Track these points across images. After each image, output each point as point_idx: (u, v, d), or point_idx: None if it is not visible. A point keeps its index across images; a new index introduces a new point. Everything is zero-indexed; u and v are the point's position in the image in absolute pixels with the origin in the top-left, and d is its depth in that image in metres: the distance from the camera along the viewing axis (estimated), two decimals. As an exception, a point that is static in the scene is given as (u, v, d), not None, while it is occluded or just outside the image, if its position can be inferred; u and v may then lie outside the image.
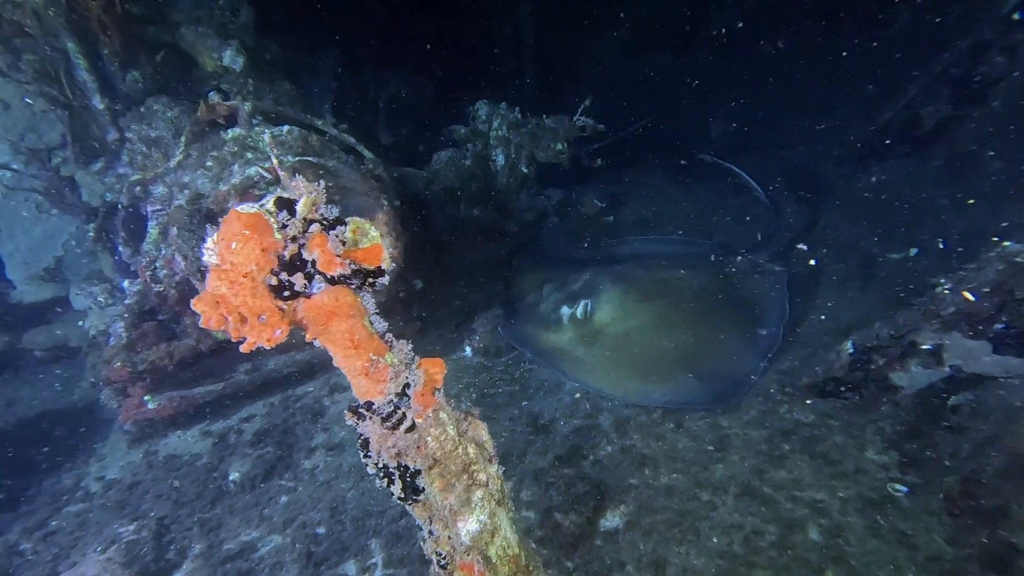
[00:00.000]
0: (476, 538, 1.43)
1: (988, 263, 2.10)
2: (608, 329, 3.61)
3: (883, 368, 2.48)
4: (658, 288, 3.85)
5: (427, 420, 1.40)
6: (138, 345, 3.46)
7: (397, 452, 1.39)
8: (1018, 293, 2.03)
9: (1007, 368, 2.12)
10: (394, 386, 1.36)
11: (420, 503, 1.45)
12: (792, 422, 2.77)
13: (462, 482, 1.43)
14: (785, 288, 3.78)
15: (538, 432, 3.17)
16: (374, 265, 1.31)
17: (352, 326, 1.30)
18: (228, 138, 3.28)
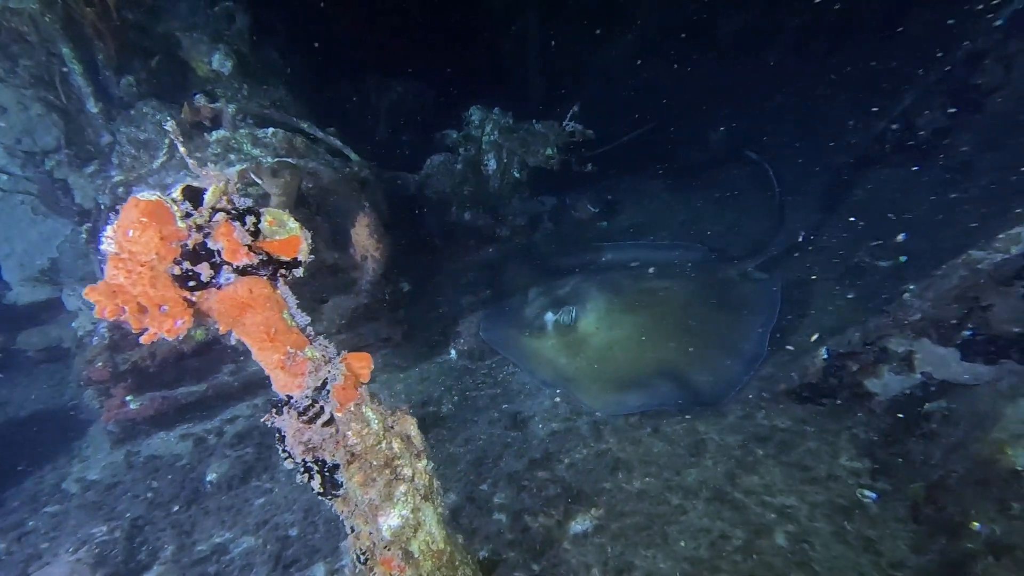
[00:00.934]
0: (397, 533, 1.44)
1: (953, 270, 2.10)
2: (592, 338, 3.60)
3: (857, 374, 2.47)
4: (644, 298, 3.84)
5: (348, 414, 1.41)
6: (121, 346, 3.49)
7: (313, 446, 1.39)
8: (983, 300, 2.02)
9: (976, 375, 2.11)
10: (313, 380, 1.37)
11: (340, 498, 1.45)
12: (768, 428, 2.76)
13: (384, 477, 1.44)
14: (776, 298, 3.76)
15: (516, 435, 3.17)
16: (289, 256, 1.31)
17: (268, 319, 1.31)
18: (212, 140, 3.33)
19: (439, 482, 1.59)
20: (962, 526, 1.72)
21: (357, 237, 3.46)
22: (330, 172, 3.20)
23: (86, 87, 4.62)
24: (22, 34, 4.63)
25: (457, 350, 4.29)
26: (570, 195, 6.82)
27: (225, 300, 1.27)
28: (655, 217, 6.61)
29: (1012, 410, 1.76)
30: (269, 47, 6.08)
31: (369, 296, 3.61)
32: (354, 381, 1.44)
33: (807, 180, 6.31)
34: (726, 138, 8.71)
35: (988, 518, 1.67)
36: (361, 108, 9.01)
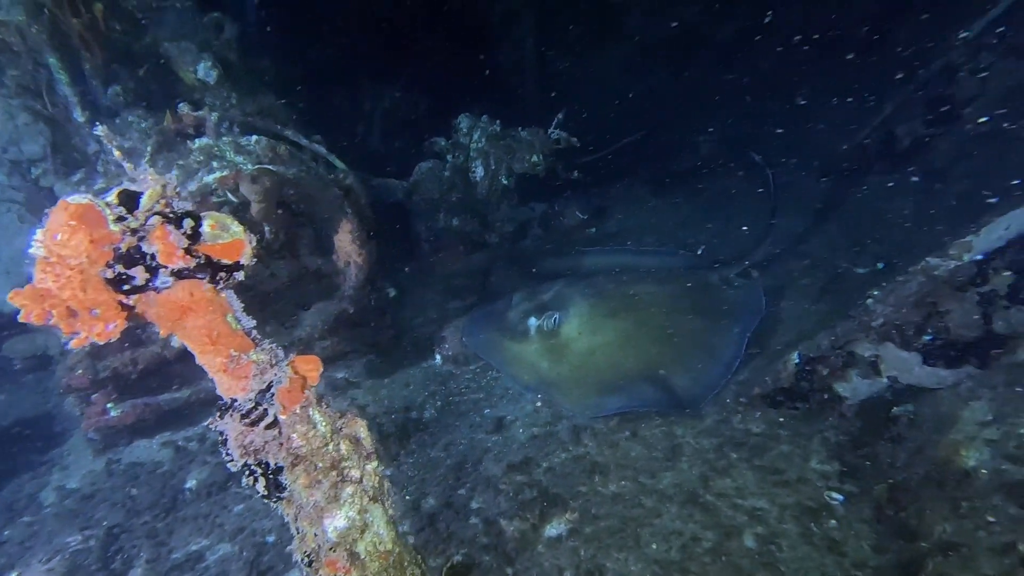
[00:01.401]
0: (343, 534, 1.46)
1: (912, 277, 2.15)
2: (574, 344, 3.62)
3: (827, 379, 2.52)
4: (626, 303, 3.87)
5: (293, 417, 1.43)
6: (102, 353, 3.50)
7: (254, 449, 1.41)
8: (940, 306, 2.07)
9: (938, 379, 2.16)
10: (258, 383, 1.39)
11: (285, 500, 1.47)
12: (743, 432, 2.79)
13: (330, 479, 1.46)
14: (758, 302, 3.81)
15: (496, 439, 3.20)
16: (232, 260, 1.33)
17: (211, 322, 1.33)
18: (195, 147, 3.36)
19: (390, 484, 1.61)
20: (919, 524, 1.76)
21: (340, 243, 3.49)
22: (312, 179, 3.24)
23: (73, 96, 4.65)
24: (8, 45, 4.66)
25: (442, 355, 4.32)
26: (559, 201, 6.87)
27: (165, 303, 1.29)
28: (642, 223, 6.68)
29: (968, 413, 1.80)
30: (260, 56, 6.13)
31: (352, 302, 3.63)
32: (301, 384, 1.46)
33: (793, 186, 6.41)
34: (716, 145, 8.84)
35: (942, 517, 1.71)
36: (355, 116, 9.07)
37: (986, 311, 2.02)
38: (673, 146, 8.88)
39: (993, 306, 2.01)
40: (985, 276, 1.99)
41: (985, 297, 2.01)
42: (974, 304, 2.04)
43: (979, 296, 2.03)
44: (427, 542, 2.53)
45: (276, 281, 3.51)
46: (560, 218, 6.78)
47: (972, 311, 2.04)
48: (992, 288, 1.99)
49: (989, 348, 2.03)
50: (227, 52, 5.03)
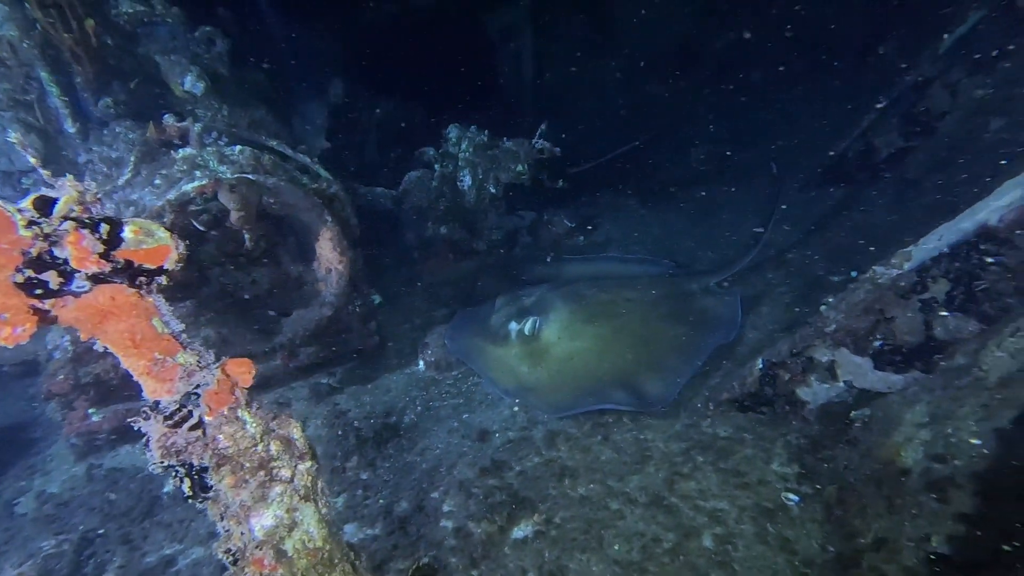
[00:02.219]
0: (270, 533, 1.50)
1: (860, 284, 2.23)
2: (553, 349, 3.70)
3: (789, 383, 2.59)
4: (605, 310, 3.95)
5: (219, 418, 1.47)
6: (85, 358, 3.55)
7: (176, 450, 1.45)
8: (887, 313, 2.15)
9: (889, 384, 2.23)
10: (184, 385, 1.44)
11: (211, 500, 1.50)
12: (710, 436, 2.86)
13: (257, 478, 1.50)
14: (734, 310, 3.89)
15: (472, 444, 3.25)
16: (155, 264, 1.38)
17: (133, 326, 1.38)
18: (179, 157, 3.44)
19: (323, 483, 1.66)
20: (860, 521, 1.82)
21: (321, 251, 3.57)
22: (292, 188, 3.31)
23: (64, 108, 4.74)
24: (2, 59, 4.76)
25: (425, 361, 4.38)
26: (547, 210, 6.97)
27: (84, 308, 1.32)
28: (630, 232, 6.77)
29: (909, 415, 1.87)
30: (253, 68, 6.24)
31: (332, 308, 3.70)
32: (230, 386, 1.50)
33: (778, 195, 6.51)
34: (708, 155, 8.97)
35: (878, 514, 1.78)
36: (350, 126, 9.19)
37: (927, 318, 2.10)
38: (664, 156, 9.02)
39: (933, 313, 2.09)
40: (925, 284, 2.07)
41: (926, 304, 2.09)
42: (916, 311, 2.12)
43: (920, 303, 2.11)
44: (396, 545, 2.58)
45: (257, 288, 3.58)
46: (549, 227, 6.87)
47: (915, 318, 2.11)
48: (931, 296, 2.07)
49: (932, 353, 2.10)
50: (218, 65, 5.13)
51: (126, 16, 4.92)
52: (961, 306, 2.01)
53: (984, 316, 1.96)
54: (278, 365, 4.21)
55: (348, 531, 2.72)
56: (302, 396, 4.23)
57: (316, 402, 4.12)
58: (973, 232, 1.93)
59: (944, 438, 1.65)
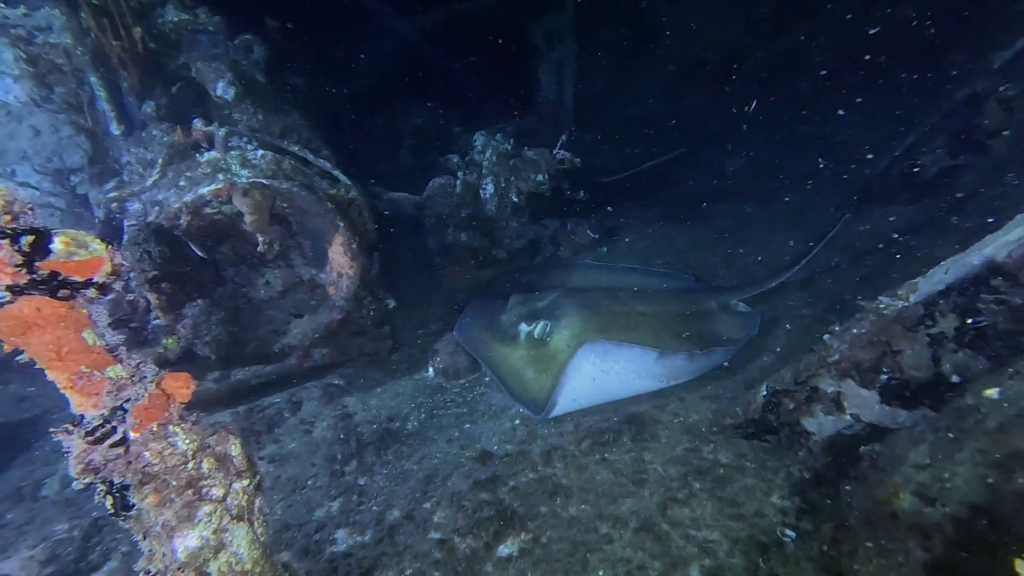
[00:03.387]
0: (194, 555, 1.46)
1: (865, 315, 2.11)
2: (561, 356, 3.65)
3: (794, 412, 2.48)
4: (618, 321, 3.87)
5: (147, 434, 1.45)
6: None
7: (95, 467, 1.42)
8: (894, 346, 2.03)
9: (897, 420, 2.10)
10: (111, 400, 1.42)
11: (133, 518, 1.47)
12: (711, 462, 2.77)
13: (184, 497, 1.48)
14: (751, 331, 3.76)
15: (470, 455, 3.25)
16: (85, 277, 1.37)
17: (59, 338, 1.38)
18: (203, 160, 3.60)
19: (261, 500, 1.63)
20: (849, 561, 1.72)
21: (333, 256, 3.65)
22: (304, 193, 3.41)
23: (110, 111, 5.04)
24: (58, 65, 5.10)
25: (434, 368, 4.41)
26: (571, 220, 6.93)
27: (6, 318, 1.31)
28: (654, 245, 6.66)
29: (913, 455, 1.76)
30: (292, 75, 6.48)
31: (342, 312, 3.77)
32: (163, 401, 1.48)
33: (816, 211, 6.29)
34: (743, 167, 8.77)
35: (867, 558, 1.67)
36: (386, 132, 9.42)
37: (936, 353, 1.97)
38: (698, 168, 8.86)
39: (942, 348, 1.95)
40: (933, 318, 1.94)
41: (935, 339, 1.96)
42: (925, 345, 1.99)
43: (929, 338, 1.98)
44: (383, 554, 2.59)
45: (271, 289, 3.69)
46: (572, 237, 6.83)
47: (923, 352, 1.99)
48: (940, 330, 1.94)
49: (941, 390, 1.97)
50: (255, 72, 5.35)
51: (171, 24, 5.18)
52: (971, 343, 1.88)
53: (995, 354, 1.83)
54: (293, 365, 4.32)
55: (339, 537, 2.75)
56: (314, 396, 4.32)
57: (326, 403, 4.21)
58: (980, 267, 1.80)
59: (940, 482, 1.54)
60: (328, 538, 2.73)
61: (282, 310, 3.84)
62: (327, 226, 3.51)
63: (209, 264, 3.47)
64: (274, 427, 4.01)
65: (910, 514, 1.56)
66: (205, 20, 5.39)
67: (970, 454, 1.52)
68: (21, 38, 4.94)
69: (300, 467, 3.43)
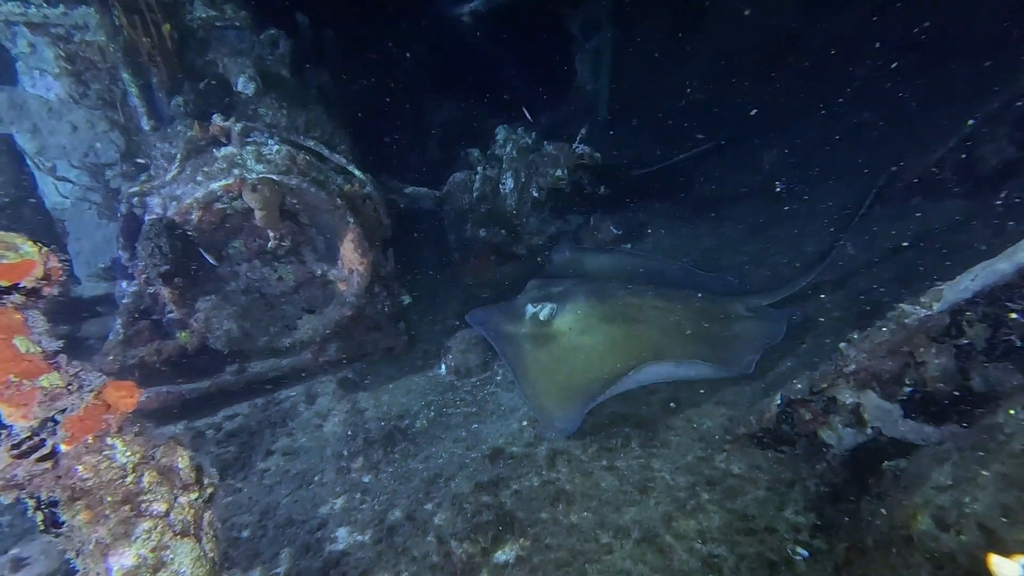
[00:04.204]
0: (130, 573, 1.39)
1: (886, 323, 1.95)
2: (561, 338, 3.67)
3: (810, 423, 2.34)
4: (625, 312, 3.81)
5: (80, 447, 1.38)
6: (134, 341, 3.87)
7: (17, 483, 1.35)
8: (918, 357, 1.87)
9: (923, 436, 1.94)
10: (43, 410, 1.35)
11: (64, 535, 1.40)
12: (722, 472, 2.65)
13: (119, 514, 1.40)
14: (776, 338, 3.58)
15: (475, 456, 3.22)
16: (12, 281, 1.31)
17: None
18: (220, 156, 3.67)
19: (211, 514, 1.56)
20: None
21: (344, 252, 3.67)
22: (314, 189, 3.43)
23: (141, 107, 5.20)
24: (94, 62, 5.30)
25: (446, 365, 4.40)
26: (595, 215, 6.80)
27: None
28: (680, 242, 6.48)
29: (936, 474, 1.62)
30: (320, 69, 6.57)
31: (353, 308, 3.80)
32: (100, 411, 1.41)
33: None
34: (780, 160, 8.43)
35: (875, 589, 1.55)
36: (416, 126, 9.49)
37: (963, 365, 1.80)
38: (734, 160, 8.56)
39: (972, 361, 1.79)
40: (961, 328, 1.78)
41: (962, 350, 1.80)
42: (951, 357, 1.82)
43: (956, 349, 1.81)
44: (380, 555, 2.59)
45: (283, 284, 3.74)
46: (595, 233, 6.71)
47: (949, 364, 1.82)
48: (969, 342, 1.78)
49: (971, 406, 1.81)
50: (280, 67, 5.43)
51: (199, 20, 5.30)
52: (1004, 356, 1.71)
53: (1031, 368, 1.66)
54: (308, 359, 4.39)
55: (340, 535, 2.77)
56: (327, 391, 4.38)
57: (339, 398, 4.26)
58: (1012, 274, 1.63)
59: (959, 507, 1.41)
60: (329, 536, 2.75)
61: (295, 305, 3.89)
62: (338, 222, 3.53)
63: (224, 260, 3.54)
64: (288, 420, 4.08)
65: (926, 539, 1.43)
66: (232, 15, 5.50)
67: (993, 478, 1.38)
68: (60, 37, 5.14)
69: (309, 462, 3.48)
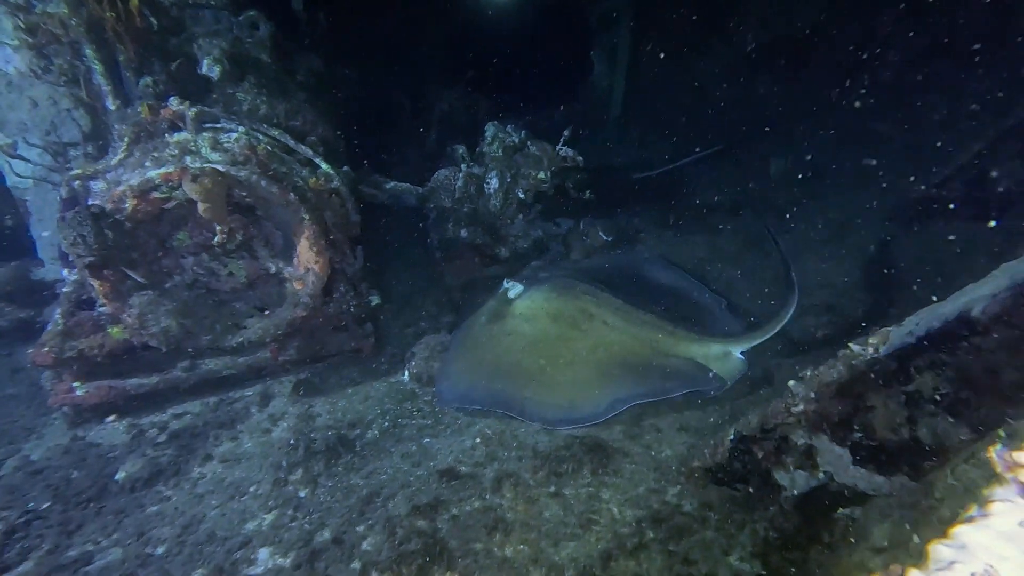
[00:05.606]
0: None
1: (834, 363, 1.85)
2: (508, 321, 3.90)
3: (762, 462, 2.24)
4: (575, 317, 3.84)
5: None
6: (74, 333, 3.79)
7: None
8: (867, 400, 1.77)
9: (873, 485, 1.84)
10: None
11: None
12: (672, 508, 2.56)
13: None
14: (710, 387, 3.42)
15: (421, 474, 3.14)
16: None
17: None
18: (172, 141, 3.59)
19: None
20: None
21: (299, 249, 3.59)
22: (264, 182, 3.34)
23: (106, 86, 5.10)
24: (56, 36, 5.22)
25: (409, 372, 4.32)
26: (585, 220, 6.71)
27: None
28: (672, 251, 6.37)
29: (877, 532, 1.52)
30: (312, 55, 6.49)
31: (307, 309, 3.71)
32: None
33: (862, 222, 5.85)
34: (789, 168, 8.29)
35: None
36: (415, 116, 9.43)
37: (911, 414, 1.70)
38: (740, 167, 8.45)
39: (920, 410, 1.69)
40: (909, 374, 1.68)
41: (911, 398, 1.70)
42: (900, 404, 1.73)
43: (905, 396, 1.71)
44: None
45: (234, 280, 3.66)
46: (583, 238, 6.61)
47: (897, 412, 1.72)
48: (916, 389, 1.67)
49: (920, 458, 1.70)
50: (259, 51, 5.35)
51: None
52: (951, 408, 1.61)
53: (980, 423, 1.56)
54: (267, 358, 4.31)
55: (260, 556, 2.69)
56: (284, 392, 4.31)
57: (294, 401, 4.18)
58: (954, 321, 1.53)
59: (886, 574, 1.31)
60: (249, 557, 2.66)
61: (248, 302, 3.81)
62: (292, 218, 3.44)
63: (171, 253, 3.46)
64: (237, 423, 4.01)
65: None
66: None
67: (922, 544, 1.28)
68: (20, 7, 5.05)
69: (249, 470, 3.40)
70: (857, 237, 5.64)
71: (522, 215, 6.13)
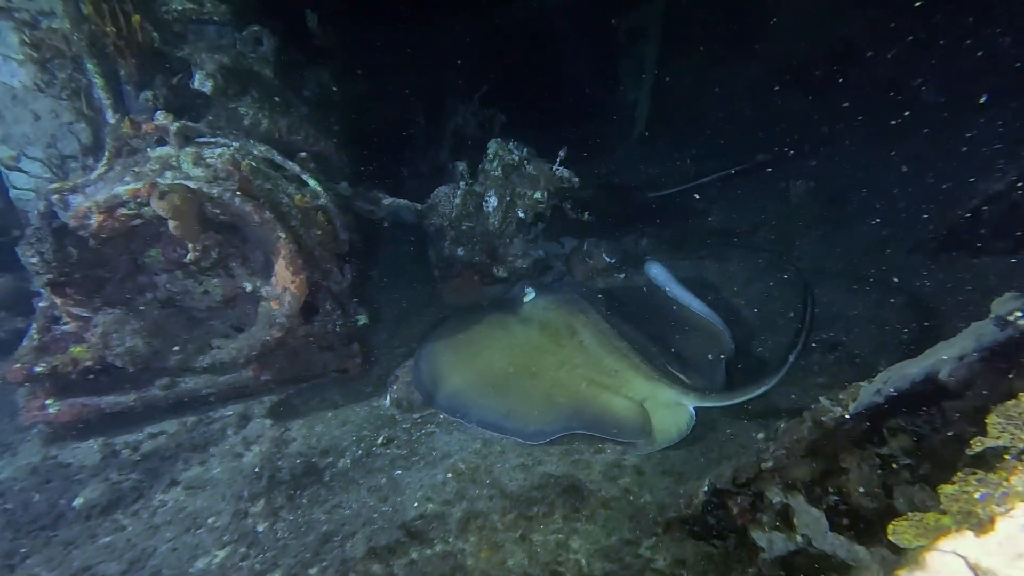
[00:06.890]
0: None
1: (804, 420, 1.68)
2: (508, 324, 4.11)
3: (736, 518, 2.07)
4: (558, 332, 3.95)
5: None
6: (50, 348, 3.80)
7: None
8: (842, 462, 1.60)
9: (853, 556, 1.66)
10: None
11: None
12: (643, 563, 2.39)
13: None
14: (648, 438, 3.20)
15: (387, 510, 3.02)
16: None
17: None
18: (154, 156, 3.60)
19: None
20: None
21: (277, 268, 3.55)
22: (239, 200, 3.32)
23: (106, 99, 5.22)
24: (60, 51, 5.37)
25: (390, 397, 4.23)
26: (588, 241, 6.60)
27: None
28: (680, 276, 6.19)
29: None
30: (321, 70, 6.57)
31: (283, 330, 3.65)
32: None
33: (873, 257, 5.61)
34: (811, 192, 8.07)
35: None
36: (429, 131, 9.51)
37: (887, 480, 1.53)
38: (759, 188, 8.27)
39: (895, 476, 1.52)
40: (882, 435, 1.51)
41: (886, 462, 1.53)
42: (875, 468, 1.56)
43: (880, 459, 1.55)
44: (240, 623, 2.40)
45: (210, 299, 3.63)
46: (586, 260, 6.49)
47: (872, 477, 1.56)
48: (891, 453, 1.51)
49: (898, 532, 1.53)
50: (262, 66, 5.42)
51: (176, 13, 5.31)
52: (927, 476, 1.44)
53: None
54: (249, 377, 4.27)
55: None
56: (263, 413, 4.25)
57: (271, 424, 4.12)
58: (921, 382, 1.38)
59: None
60: (193, 596, 2.57)
61: (225, 321, 3.77)
62: (268, 236, 3.40)
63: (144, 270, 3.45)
64: (211, 445, 3.95)
65: None
66: (211, 9, 5.51)
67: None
68: (26, 22, 5.20)
69: (211, 499, 3.33)
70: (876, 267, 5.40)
71: (522, 235, 6.04)
